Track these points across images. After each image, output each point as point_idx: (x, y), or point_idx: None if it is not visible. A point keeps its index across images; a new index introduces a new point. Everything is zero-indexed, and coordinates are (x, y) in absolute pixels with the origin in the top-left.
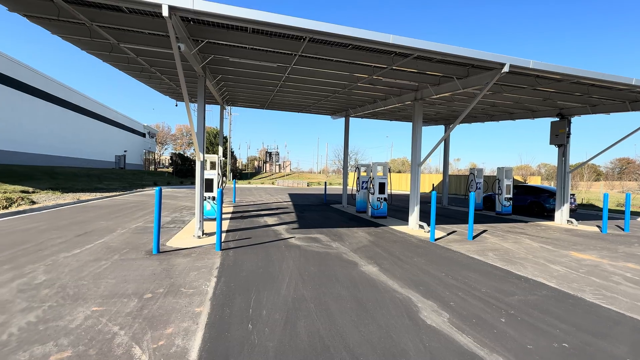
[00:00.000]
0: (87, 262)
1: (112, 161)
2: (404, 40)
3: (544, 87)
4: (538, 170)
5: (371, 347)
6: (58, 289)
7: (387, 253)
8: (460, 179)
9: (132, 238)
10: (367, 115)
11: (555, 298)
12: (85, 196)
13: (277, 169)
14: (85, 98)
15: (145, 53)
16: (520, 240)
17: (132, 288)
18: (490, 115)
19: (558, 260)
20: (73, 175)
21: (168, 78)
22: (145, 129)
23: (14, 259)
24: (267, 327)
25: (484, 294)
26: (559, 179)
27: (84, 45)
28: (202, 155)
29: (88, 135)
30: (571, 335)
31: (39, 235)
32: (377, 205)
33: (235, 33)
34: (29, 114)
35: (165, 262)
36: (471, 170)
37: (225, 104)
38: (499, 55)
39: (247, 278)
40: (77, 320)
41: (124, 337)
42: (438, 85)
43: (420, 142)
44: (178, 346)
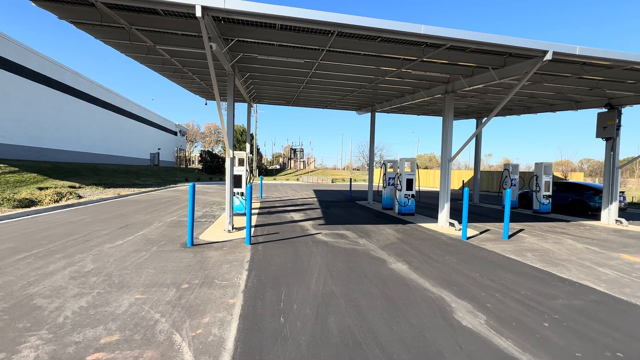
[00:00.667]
0: (129, 252)
1: (147, 158)
2: (437, 30)
3: (591, 75)
4: (580, 165)
5: (404, 345)
6: (104, 277)
7: (416, 251)
8: (493, 176)
9: (167, 231)
10: (393, 110)
11: (604, 303)
12: (125, 191)
13: (302, 166)
14: (123, 99)
15: (178, 54)
16: (562, 240)
17: (170, 278)
18: (528, 107)
19: (607, 263)
20: (113, 172)
21: (199, 77)
22: (177, 128)
23: (65, 249)
24: (298, 321)
25: (523, 297)
26: (606, 174)
27: (123, 48)
28: (231, 152)
29: (126, 134)
30: (624, 344)
31: (86, 227)
32: (404, 202)
33: (263, 30)
34: (73, 114)
35: (199, 255)
36: (505, 166)
37: (252, 101)
38: (541, 42)
39: (277, 272)
40: (122, 306)
41: (165, 324)
42: (471, 76)
43: (451, 136)
44: (215, 335)
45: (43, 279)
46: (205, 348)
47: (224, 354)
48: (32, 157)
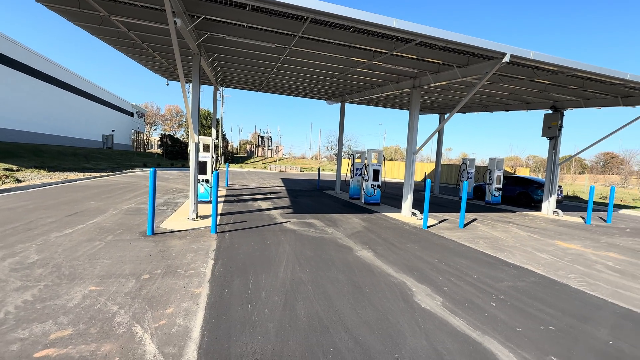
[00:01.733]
0: (81, 242)
1: (100, 140)
2: (408, 25)
3: (541, 79)
4: (527, 161)
5: (369, 328)
6: (53, 269)
7: (381, 239)
8: (452, 169)
9: (124, 219)
10: (363, 101)
11: (542, 284)
12: (73, 176)
13: (270, 154)
14: (70, 74)
15: (137, 27)
16: (509, 229)
17: (128, 269)
18: (485, 105)
19: (545, 249)
20: (59, 154)
21: (160, 55)
22: (134, 108)
23: (3, 238)
24: (266, 308)
25: (475, 280)
26: (548, 170)
27: (71, 16)
28: (196, 136)
29: (74, 113)
30: (557, 319)
31: (28, 215)
32: (370, 192)
33: (233, 10)
34: (10, 88)
35: (161, 244)
36: (463, 160)
37: (218, 84)
38: (501, 44)
39: (245, 261)
40: (75, 299)
41: (124, 316)
42: (437, 73)
43: (416, 130)
44: (180, 325)
45: None
46: (169, 339)
47: (189, 343)
48: None
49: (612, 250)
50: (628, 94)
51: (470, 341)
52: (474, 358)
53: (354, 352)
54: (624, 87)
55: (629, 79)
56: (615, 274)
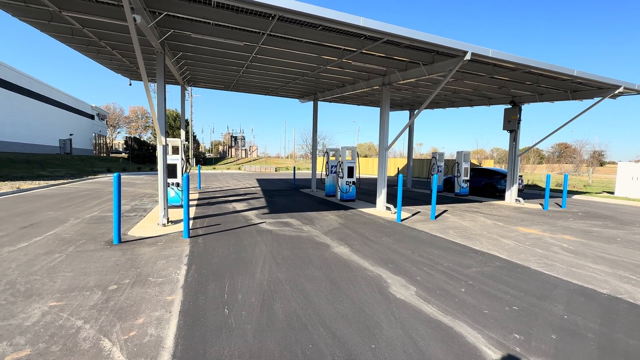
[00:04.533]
0: (38, 255)
1: (56, 146)
2: (374, 24)
3: (500, 76)
4: (491, 154)
5: (347, 321)
6: (5, 286)
7: (357, 234)
8: (423, 163)
9: (87, 228)
10: (335, 99)
11: (506, 268)
12: (27, 185)
13: (244, 154)
14: (19, 74)
15: (93, 24)
16: (476, 218)
17: (93, 280)
18: (452, 101)
19: (508, 235)
20: (9, 162)
21: (120, 54)
22: (94, 110)
23: None
24: (243, 310)
25: (446, 268)
26: (509, 162)
27: (15, 10)
28: (163, 138)
29: (26, 117)
30: (519, 299)
31: None
32: (346, 189)
33: (197, 6)
34: None
35: (129, 252)
36: (433, 155)
37: (186, 84)
38: (462, 43)
39: (220, 264)
40: (33, 317)
41: (90, 330)
42: (405, 70)
43: (387, 126)
44: (152, 335)
45: None
46: (140, 350)
47: (162, 353)
48: None
49: (566, 233)
50: (576, 89)
51: (442, 326)
52: (446, 342)
53: (332, 346)
54: (573, 83)
55: (576, 75)
56: (569, 255)
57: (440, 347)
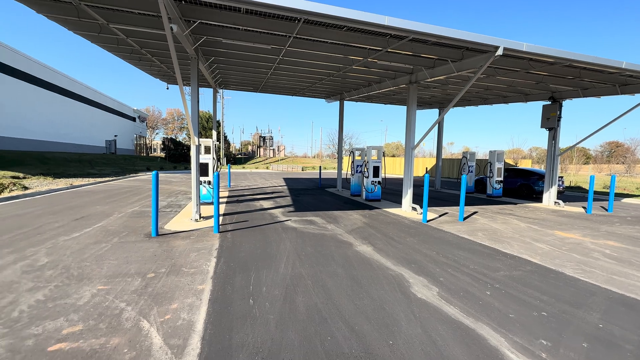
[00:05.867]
0: (88, 244)
1: (103, 146)
2: (399, 22)
3: (537, 71)
4: (530, 153)
5: (365, 317)
6: (62, 270)
7: (380, 234)
8: (454, 163)
9: (129, 222)
10: (361, 98)
11: (537, 273)
12: (78, 181)
13: (271, 154)
14: (72, 81)
15: (135, 34)
16: (509, 221)
17: (134, 268)
18: (484, 98)
19: (543, 239)
20: (64, 161)
21: (159, 60)
22: (135, 113)
23: (14, 243)
24: (267, 301)
25: (472, 270)
26: (548, 161)
27: (71, 25)
28: (196, 139)
29: (77, 120)
30: (550, 305)
31: (36, 220)
32: (371, 189)
33: (228, 13)
34: (14, 97)
35: (165, 244)
36: (464, 154)
37: (218, 87)
38: (493, 37)
39: (246, 258)
40: (84, 298)
41: (131, 312)
42: (433, 68)
43: (414, 125)
44: (184, 319)
45: None
46: (174, 331)
47: (193, 335)
48: None
49: (611, 238)
50: (626, 82)
51: (463, 327)
52: (466, 343)
53: (350, 339)
54: (622, 76)
55: (624, 68)
56: (611, 261)
57: (460, 348)
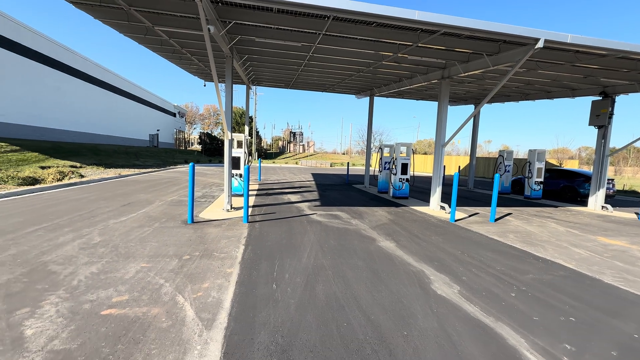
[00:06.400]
0: (133, 228)
1: (147, 139)
2: (430, 16)
3: (585, 64)
4: (578, 153)
5: (382, 308)
6: (112, 249)
7: (405, 231)
8: (490, 162)
9: (168, 209)
10: (392, 94)
11: (571, 278)
12: (125, 172)
13: (301, 149)
14: (121, 79)
15: (176, 35)
16: (546, 224)
17: (172, 250)
18: (525, 93)
19: (582, 244)
20: (113, 152)
21: (197, 59)
22: (176, 109)
23: (72, 224)
24: (289, 287)
25: (498, 272)
26: (596, 162)
27: (122, 28)
28: (229, 134)
29: (125, 115)
30: (581, 311)
31: (90, 205)
32: (398, 186)
33: (261, 13)
34: (71, 94)
35: (199, 231)
36: (500, 153)
37: (250, 83)
38: (533, 29)
39: (272, 247)
40: (129, 273)
41: (169, 288)
42: (467, 62)
43: (445, 122)
44: (214, 297)
45: (55, 249)
46: (205, 307)
47: (221, 311)
48: (32, 136)
49: None
50: None
51: (482, 326)
52: (483, 340)
53: (365, 327)
54: None
55: None
56: None
57: (476, 345)
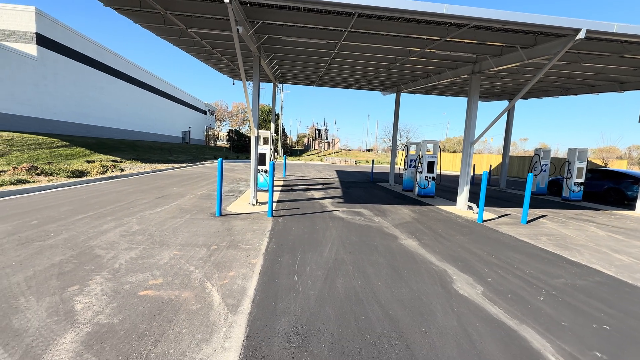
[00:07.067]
0: (167, 218)
1: (179, 136)
2: (459, 10)
3: (636, 55)
4: (628, 152)
5: (401, 305)
6: (148, 237)
7: (429, 230)
8: (525, 161)
9: (199, 202)
10: (419, 90)
11: (608, 285)
12: (160, 166)
13: (326, 147)
14: (157, 79)
15: (208, 36)
16: (584, 227)
17: (201, 240)
18: (566, 88)
19: (625, 250)
20: (149, 148)
21: (227, 58)
22: (206, 107)
23: (114, 213)
24: (309, 279)
25: (526, 274)
26: None
27: (159, 31)
28: (256, 130)
29: (160, 113)
30: (616, 319)
31: (129, 196)
32: (424, 184)
33: (287, 12)
34: (114, 93)
35: (226, 223)
36: (536, 151)
37: (277, 81)
38: (573, 19)
39: (294, 241)
40: (163, 259)
41: (198, 274)
42: (499, 56)
43: (475, 119)
44: (239, 285)
45: (99, 235)
46: (230, 293)
47: (245, 298)
48: (79, 132)
49: None
50: None
51: (505, 328)
52: (504, 342)
53: (382, 321)
54: None
55: None
56: None
57: (496, 346)
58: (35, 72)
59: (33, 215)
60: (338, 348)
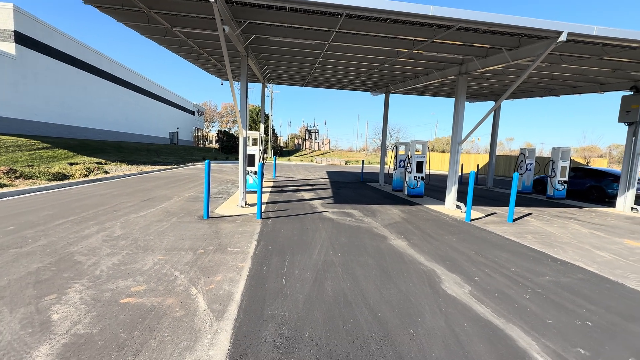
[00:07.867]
0: (152, 222)
1: (167, 137)
2: (445, 11)
3: (614, 57)
4: (608, 151)
5: (390, 306)
6: (132, 241)
7: (418, 230)
8: (511, 160)
9: (186, 205)
10: (408, 91)
11: (590, 282)
12: (147, 168)
13: (317, 147)
14: (143, 79)
15: (194, 36)
16: (568, 225)
17: (188, 244)
18: (549, 89)
19: (606, 247)
20: (135, 150)
21: (214, 58)
22: (195, 107)
23: (97, 217)
24: (298, 282)
25: (512, 273)
26: (625, 161)
27: (143, 30)
28: (244, 131)
29: (146, 113)
30: (598, 315)
31: (113, 199)
32: (413, 184)
33: (274, 12)
34: (97, 93)
35: (214, 226)
36: (521, 150)
37: (266, 82)
38: (555, 22)
39: (283, 243)
40: (147, 265)
41: (183, 279)
42: (485, 57)
43: (462, 119)
44: (225, 290)
45: (80, 240)
46: (216, 299)
47: (232, 303)
48: (62, 134)
49: None
50: None
51: (492, 327)
52: (491, 341)
53: (371, 324)
54: None
55: None
56: None
57: (483, 345)
58: (14, 72)
59: (10, 221)
60: (326, 352)
